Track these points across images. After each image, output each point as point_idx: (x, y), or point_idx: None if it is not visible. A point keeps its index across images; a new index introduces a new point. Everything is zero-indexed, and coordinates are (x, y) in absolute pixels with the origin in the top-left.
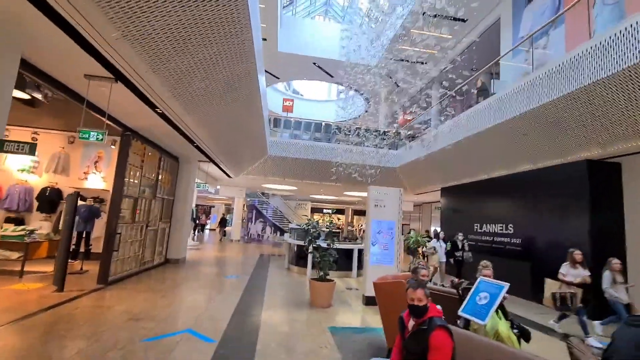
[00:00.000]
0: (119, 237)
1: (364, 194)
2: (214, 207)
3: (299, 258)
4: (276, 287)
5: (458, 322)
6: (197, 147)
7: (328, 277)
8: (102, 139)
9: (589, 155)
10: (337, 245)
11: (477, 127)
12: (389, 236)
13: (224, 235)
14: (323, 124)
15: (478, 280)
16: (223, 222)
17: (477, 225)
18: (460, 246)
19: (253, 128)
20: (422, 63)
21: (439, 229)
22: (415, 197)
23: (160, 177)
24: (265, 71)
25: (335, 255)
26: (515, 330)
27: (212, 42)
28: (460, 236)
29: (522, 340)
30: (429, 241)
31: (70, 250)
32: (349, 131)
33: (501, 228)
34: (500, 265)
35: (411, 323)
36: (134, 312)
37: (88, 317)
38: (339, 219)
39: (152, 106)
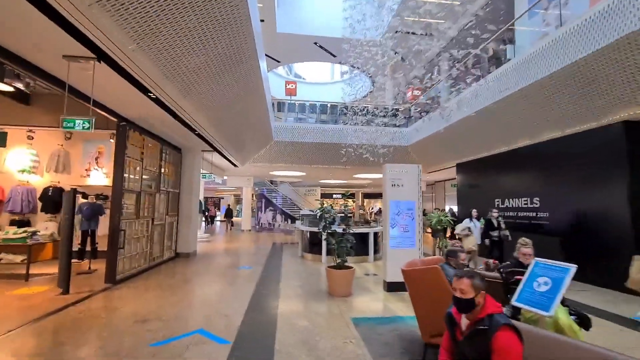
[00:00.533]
0: (123, 233)
1: (375, 176)
2: (223, 198)
3: (313, 245)
4: (291, 277)
5: (504, 310)
6: (199, 136)
7: (346, 264)
8: (89, 127)
9: (627, 116)
10: (352, 230)
11: (502, 93)
12: (409, 217)
13: (232, 225)
14: (329, 105)
15: (533, 262)
16: (229, 213)
17: (498, 201)
18: (496, 224)
19: (256, 112)
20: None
21: (455, 208)
22: (427, 176)
23: (163, 169)
24: (265, 55)
25: (353, 241)
26: (574, 317)
27: (205, 16)
28: (494, 212)
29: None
30: (454, 220)
31: (77, 250)
32: (358, 110)
33: (525, 202)
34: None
35: (465, 321)
36: (142, 313)
37: (92, 321)
38: (353, 201)
39: (145, 90)
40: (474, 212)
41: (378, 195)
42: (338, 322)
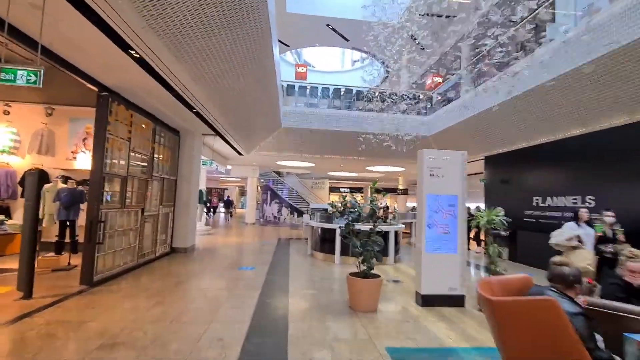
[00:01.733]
0: (102, 225)
1: (390, 168)
2: (227, 189)
3: (324, 243)
4: (301, 282)
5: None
6: (198, 115)
7: (373, 271)
8: (35, 81)
9: None
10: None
11: (550, 74)
12: (450, 215)
13: (231, 215)
14: (343, 90)
15: None
16: (228, 203)
17: (537, 199)
18: (610, 234)
19: (264, 93)
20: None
21: (482, 205)
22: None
23: (157, 152)
24: None
25: (382, 243)
26: None
27: None
28: (608, 216)
29: None
30: (508, 219)
31: (55, 242)
32: (377, 95)
33: (575, 201)
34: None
35: None
36: (112, 332)
37: (41, 343)
38: (362, 196)
39: (124, 46)
40: (584, 213)
41: (388, 190)
42: (369, 353)
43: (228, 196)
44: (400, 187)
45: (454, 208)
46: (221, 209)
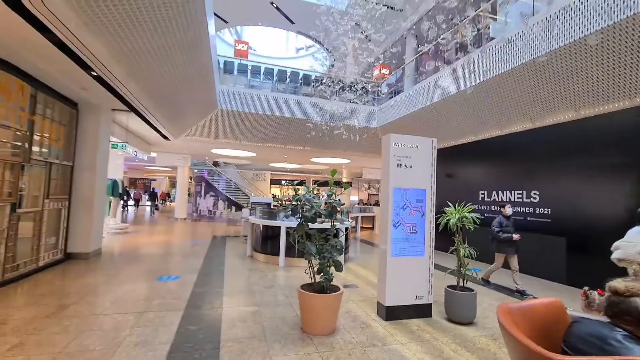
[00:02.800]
0: None
1: (336, 160)
2: (155, 180)
3: (266, 242)
4: (239, 295)
5: None
6: (100, 81)
7: (331, 283)
8: None
9: None
10: (318, 225)
11: (510, 64)
12: (418, 212)
13: (156, 209)
14: (289, 72)
15: None
16: (153, 196)
17: (483, 193)
18: None
19: (196, 66)
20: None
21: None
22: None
23: (38, 128)
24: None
25: (342, 248)
26: None
27: None
28: None
29: None
30: (479, 217)
31: None
32: (327, 82)
33: (520, 195)
34: (522, 241)
35: None
36: None
37: None
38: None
39: None
40: None
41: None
42: None
43: (153, 188)
44: (345, 179)
45: (422, 204)
46: (147, 202)
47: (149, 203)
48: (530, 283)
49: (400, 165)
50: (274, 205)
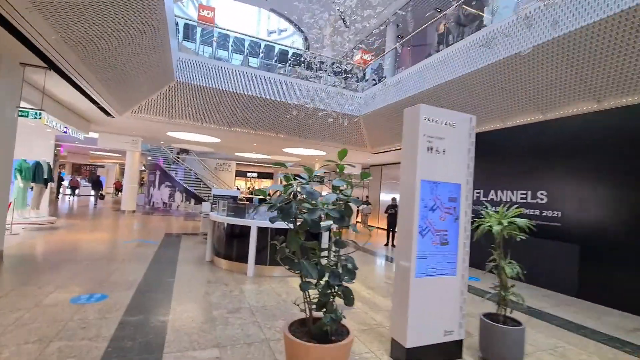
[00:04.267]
0: None
1: (310, 152)
2: (103, 167)
3: (231, 245)
4: (192, 331)
5: None
6: None
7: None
8: None
9: None
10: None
11: (518, 47)
12: (450, 216)
13: (101, 198)
14: (262, 45)
15: None
16: (97, 184)
17: (478, 193)
18: None
19: (144, 13)
20: None
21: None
22: (368, 158)
23: None
24: None
25: (355, 268)
26: None
27: None
28: None
29: None
30: (532, 224)
31: None
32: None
33: (524, 196)
34: (523, 247)
35: None
36: None
37: None
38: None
39: None
40: None
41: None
42: None
43: (98, 175)
44: (316, 172)
45: (455, 204)
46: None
47: (92, 192)
48: (536, 295)
49: (432, 149)
50: (241, 199)
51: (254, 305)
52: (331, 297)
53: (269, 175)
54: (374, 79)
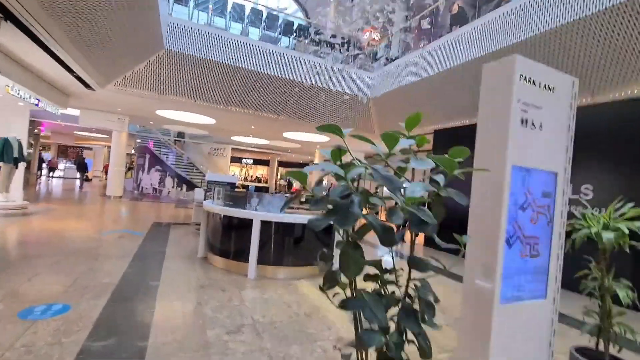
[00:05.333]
0: None
1: (312, 137)
2: (91, 149)
3: (228, 240)
4: (176, 354)
5: None
6: None
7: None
8: None
9: None
10: (301, 218)
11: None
12: (543, 217)
13: (87, 180)
14: (264, 13)
15: None
16: (82, 166)
17: None
18: None
19: None
20: None
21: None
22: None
23: None
24: None
25: (436, 299)
26: None
27: None
28: None
29: None
30: None
31: None
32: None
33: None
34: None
35: None
36: None
37: None
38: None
39: None
40: None
41: (297, 166)
42: None
43: (84, 157)
44: (316, 161)
45: (549, 201)
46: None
47: (78, 175)
48: None
49: (526, 122)
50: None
51: (259, 321)
52: (400, 344)
53: (265, 162)
54: (386, 58)
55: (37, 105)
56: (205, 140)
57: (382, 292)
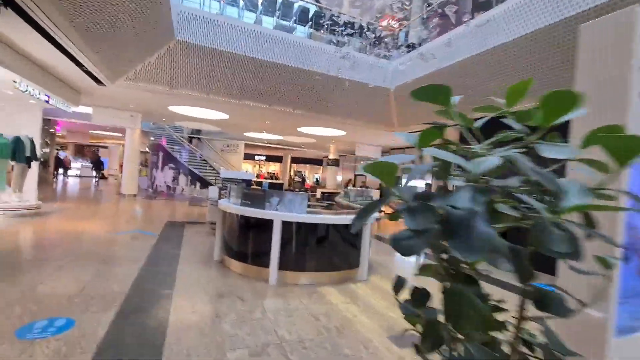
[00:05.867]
0: None
1: (328, 131)
2: (106, 147)
3: (246, 241)
4: None
5: None
6: None
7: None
8: None
9: None
10: (327, 218)
11: None
12: None
13: (102, 178)
14: (278, 1)
15: None
16: (98, 164)
17: None
18: None
19: None
20: None
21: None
22: (391, 139)
23: None
24: None
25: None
26: None
27: None
28: None
29: None
30: None
31: None
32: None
33: None
34: None
35: None
36: None
37: None
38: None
39: None
40: None
41: (310, 162)
42: None
43: (99, 155)
44: (331, 156)
45: None
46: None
47: (94, 173)
48: None
49: None
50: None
51: (286, 339)
52: None
53: (277, 159)
54: (408, 45)
55: (47, 102)
56: (219, 136)
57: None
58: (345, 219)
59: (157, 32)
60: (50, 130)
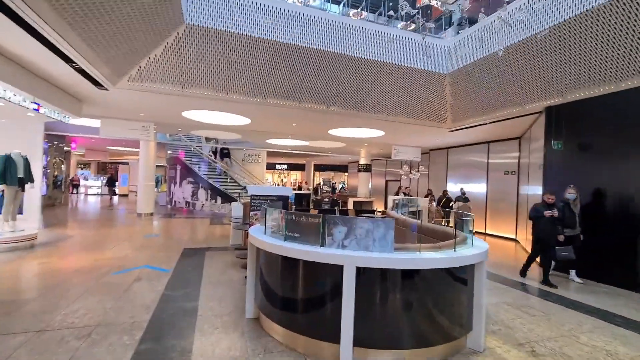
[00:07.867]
0: None
1: (364, 132)
2: (127, 164)
3: (296, 296)
4: None
5: None
6: None
7: None
8: None
9: None
10: (432, 259)
11: None
12: None
13: (114, 194)
14: None
15: None
16: (111, 181)
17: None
18: None
19: None
20: None
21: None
22: (436, 138)
23: None
24: None
25: None
26: None
27: None
28: None
29: None
30: None
31: None
32: None
33: None
34: None
35: None
36: None
37: None
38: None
39: None
40: None
41: (334, 168)
42: None
43: (112, 173)
44: (363, 161)
45: None
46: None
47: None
48: None
49: None
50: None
51: None
52: None
53: (299, 167)
54: (463, 19)
55: (36, 110)
56: (238, 145)
57: None
58: (462, 256)
59: (164, 15)
60: (65, 148)
